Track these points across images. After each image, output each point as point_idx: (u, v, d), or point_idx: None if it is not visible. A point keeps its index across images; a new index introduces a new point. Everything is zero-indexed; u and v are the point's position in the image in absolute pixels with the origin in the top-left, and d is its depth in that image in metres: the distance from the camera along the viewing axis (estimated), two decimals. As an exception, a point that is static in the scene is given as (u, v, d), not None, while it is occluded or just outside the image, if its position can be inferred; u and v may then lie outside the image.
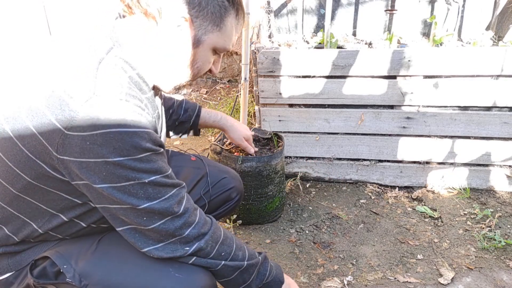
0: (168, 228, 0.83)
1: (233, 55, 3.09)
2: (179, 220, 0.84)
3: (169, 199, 0.83)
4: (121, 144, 0.74)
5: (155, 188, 0.81)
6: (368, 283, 1.52)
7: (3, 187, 0.85)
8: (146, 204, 0.80)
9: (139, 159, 0.77)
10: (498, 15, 2.14)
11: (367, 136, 2.01)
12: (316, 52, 1.87)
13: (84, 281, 0.88)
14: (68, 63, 0.80)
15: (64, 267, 0.89)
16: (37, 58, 0.85)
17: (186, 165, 1.33)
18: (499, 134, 1.89)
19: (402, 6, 2.12)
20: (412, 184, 2.08)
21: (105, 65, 0.80)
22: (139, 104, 0.80)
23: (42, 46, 0.87)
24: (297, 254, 1.67)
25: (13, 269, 0.95)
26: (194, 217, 0.88)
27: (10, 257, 0.95)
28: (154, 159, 0.80)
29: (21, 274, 0.95)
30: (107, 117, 0.74)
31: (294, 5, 2.29)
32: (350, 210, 1.95)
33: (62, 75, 0.78)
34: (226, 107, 2.84)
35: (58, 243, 0.95)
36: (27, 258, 0.95)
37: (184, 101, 1.44)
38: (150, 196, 0.80)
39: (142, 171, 0.78)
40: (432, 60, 1.79)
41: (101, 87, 0.76)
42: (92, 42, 0.84)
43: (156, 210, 0.81)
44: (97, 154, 0.74)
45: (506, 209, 1.90)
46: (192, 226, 0.87)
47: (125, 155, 0.75)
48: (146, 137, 0.78)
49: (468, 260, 1.62)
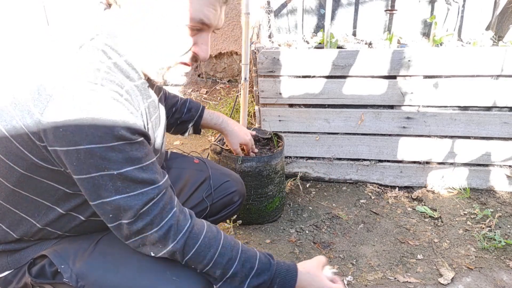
0: (131, 228, 0.79)
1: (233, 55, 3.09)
2: (141, 222, 0.79)
3: (137, 197, 0.78)
4: (93, 130, 0.71)
5: (124, 182, 0.76)
6: (368, 283, 1.52)
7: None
8: (113, 197, 0.76)
9: (110, 148, 0.73)
10: (498, 15, 2.14)
11: (367, 136, 2.01)
12: (316, 52, 1.87)
13: (81, 282, 0.88)
14: (49, 52, 0.80)
15: (62, 267, 0.88)
16: (24, 51, 0.85)
17: (188, 167, 1.33)
18: (499, 134, 1.89)
19: (402, 6, 2.12)
20: (412, 184, 2.08)
21: (84, 50, 0.78)
22: (117, 90, 0.77)
23: (31, 40, 0.87)
24: (297, 254, 1.67)
25: (12, 267, 0.95)
26: (159, 220, 0.80)
27: (10, 255, 0.95)
28: (127, 149, 0.75)
29: (20, 272, 0.95)
30: (79, 103, 0.71)
31: (294, 5, 2.29)
32: (350, 210, 1.95)
33: (43, 64, 0.77)
34: (226, 107, 2.84)
35: (58, 242, 0.95)
36: (26, 256, 0.95)
37: (188, 100, 1.43)
38: (118, 190, 0.76)
39: (112, 161, 0.74)
40: (432, 60, 1.79)
41: (76, 72, 0.74)
42: (77, 31, 0.83)
43: (121, 207, 0.77)
44: (69, 141, 0.72)
45: (506, 209, 1.90)
46: (154, 229, 0.80)
47: (96, 142, 0.72)
48: (121, 124, 0.74)
49: (468, 260, 1.62)
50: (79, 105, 0.71)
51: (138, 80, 0.88)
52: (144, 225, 0.79)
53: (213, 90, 3.19)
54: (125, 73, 0.84)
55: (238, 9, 2.82)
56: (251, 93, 2.30)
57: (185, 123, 1.43)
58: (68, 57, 0.77)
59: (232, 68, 3.17)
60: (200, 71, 3.26)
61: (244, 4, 1.67)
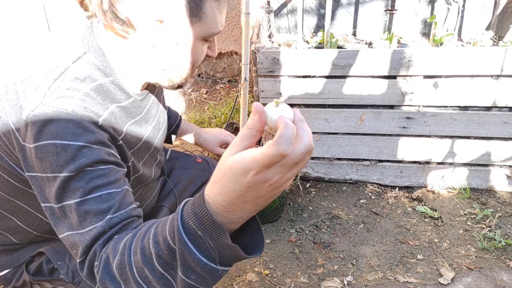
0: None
1: (233, 55, 3.09)
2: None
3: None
4: (56, 158, 0.69)
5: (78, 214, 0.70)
6: (368, 283, 1.52)
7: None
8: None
9: (71, 177, 0.70)
10: (498, 15, 2.14)
11: (367, 136, 2.01)
12: (316, 52, 1.87)
13: (77, 278, 0.88)
14: (37, 68, 0.78)
15: (58, 264, 0.89)
16: (16, 58, 0.84)
17: (192, 167, 1.33)
18: (499, 134, 1.89)
19: (402, 6, 2.12)
20: (412, 184, 2.08)
21: (68, 74, 0.76)
22: (92, 117, 0.75)
23: (26, 48, 0.86)
24: (297, 254, 1.67)
25: (11, 265, 0.96)
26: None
27: (9, 254, 0.95)
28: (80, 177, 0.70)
29: (19, 271, 0.96)
30: (45, 128, 0.69)
31: (294, 5, 2.29)
32: (350, 210, 1.95)
33: (30, 79, 0.76)
34: (226, 107, 2.84)
35: (54, 240, 0.95)
36: (25, 255, 0.95)
37: (168, 108, 1.37)
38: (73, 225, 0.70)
39: (71, 188, 0.70)
40: (432, 60, 1.79)
41: (51, 97, 0.72)
42: (68, 46, 0.81)
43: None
44: (39, 167, 0.71)
45: (506, 209, 1.90)
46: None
47: (58, 171, 0.69)
48: (81, 151, 0.70)
49: (468, 260, 1.62)
50: (45, 132, 0.70)
51: (126, 100, 0.86)
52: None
53: (213, 90, 3.19)
54: (110, 96, 0.82)
55: (238, 9, 2.82)
56: (251, 93, 2.30)
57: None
58: (48, 80, 0.75)
59: (232, 68, 3.17)
60: (200, 71, 3.26)
61: (244, 4, 1.67)
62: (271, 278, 1.56)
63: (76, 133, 0.71)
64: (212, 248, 0.55)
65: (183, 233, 0.55)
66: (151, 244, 0.60)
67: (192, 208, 0.56)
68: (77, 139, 0.70)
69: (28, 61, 0.80)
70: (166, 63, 0.82)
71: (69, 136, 0.70)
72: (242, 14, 1.69)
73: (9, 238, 0.92)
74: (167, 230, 0.59)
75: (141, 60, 0.82)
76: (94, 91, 0.78)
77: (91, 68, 0.79)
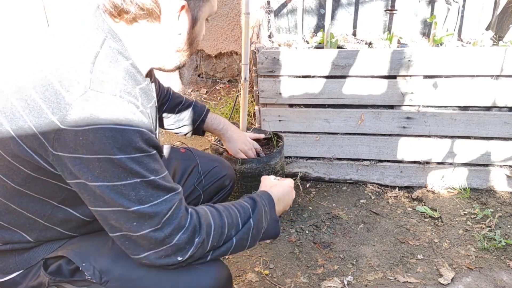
0: (158, 236, 0.79)
1: (233, 55, 3.09)
2: (169, 228, 0.80)
3: (161, 204, 0.79)
4: (112, 141, 0.73)
5: (147, 191, 0.78)
6: (368, 283, 1.52)
7: (3, 183, 0.85)
8: (137, 207, 0.77)
9: (130, 159, 0.75)
10: (498, 15, 2.14)
11: (367, 136, 2.01)
12: (316, 52, 1.87)
13: (105, 278, 0.88)
14: (64, 56, 0.80)
15: (83, 265, 0.89)
16: (34, 51, 0.85)
17: (176, 157, 1.34)
18: (499, 134, 1.89)
19: (402, 6, 2.12)
20: (412, 184, 2.08)
21: (100, 59, 0.80)
22: (134, 101, 0.80)
23: (39, 39, 0.87)
24: (297, 254, 1.67)
25: (20, 268, 0.93)
26: (184, 222, 0.83)
27: (18, 255, 0.93)
28: (146, 161, 0.78)
29: (30, 273, 0.93)
30: (99, 113, 0.73)
31: (294, 5, 2.29)
32: (350, 210, 1.95)
33: (59, 69, 0.78)
34: (226, 107, 2.84)
35: (69, 241, 0.95)
36: (37, 256, 0.93)
37: (193, 103, 1.45)
38: (142, 199, 0.77)
39: (133, 171, 0.76)
40: (432, 60, 1.79)
41: (96, 82, 0.76)
42: (86, 34, 0.84)
43: (146, 215, 0.78)
44: (89, 149, 0.73)
45: (506, 209, 1.90)
46: (181, 232, 0.82)
47: (116, 153, 0.74)
48: (138, 136, 0.76)
49: (468, 260, 1.62)
50: (99, 116, 0.73)
51: (143, 82, 0.91)
52: (172, 230, 0.81)
53: (213, 90, 3.19)
54: (133, 78, 0.86)
55: (238, 9, 2.82)
56: (251, 93, 2.30)
57: (187, 126, 1.45)
58: (86, 66, 0.78)
59: (232, 68, 3.17)
60: (200, 71, 3.26)
61: (244, 4, 1.67)
62: (271, 278, 1.56)
63: (129, 118, 0.76)
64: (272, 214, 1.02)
65: (267, 204, 1.01)
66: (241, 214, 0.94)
67: (267, 198, 1.03)
68: (130, 124, 0.76)
69: (48, 55, 0.82)
70: (176, 44, 0.92)
71: (123, 121, 0.75)
72: (242, 14, 1.69)
73: (18, 234, 0.90)
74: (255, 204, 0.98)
75: (157, 43, 0.89)
76: (126, 73, 0.84)
77: (114, 52, 0.84)
